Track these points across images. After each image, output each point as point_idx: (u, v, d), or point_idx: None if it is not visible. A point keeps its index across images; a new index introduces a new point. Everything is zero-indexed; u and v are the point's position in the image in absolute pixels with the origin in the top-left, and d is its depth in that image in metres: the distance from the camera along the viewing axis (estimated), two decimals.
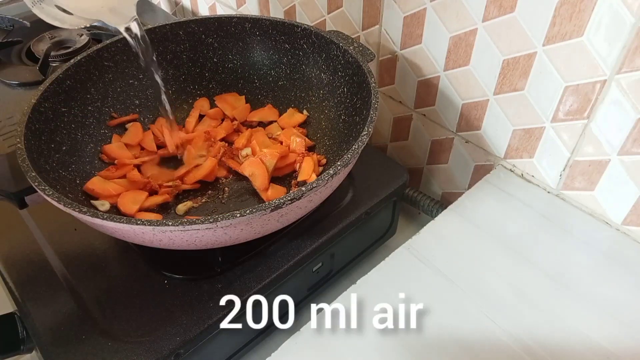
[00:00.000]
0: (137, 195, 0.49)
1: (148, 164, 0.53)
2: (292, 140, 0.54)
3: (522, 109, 0.49)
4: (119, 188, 0.49)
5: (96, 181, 0.49)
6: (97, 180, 0.49)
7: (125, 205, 0.48)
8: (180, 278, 0.46)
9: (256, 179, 0.50)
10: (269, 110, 0.59)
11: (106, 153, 0.53)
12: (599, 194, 0.48)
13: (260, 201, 0.51)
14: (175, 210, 0.50)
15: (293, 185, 0.51)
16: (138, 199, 0.49)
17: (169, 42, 0.58)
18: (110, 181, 0.49)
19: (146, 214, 0.49)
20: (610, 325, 0.41)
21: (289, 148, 0.54)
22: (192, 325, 0.42)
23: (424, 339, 0.41)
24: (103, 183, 0.49)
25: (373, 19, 0.59)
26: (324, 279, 0.54)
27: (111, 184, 0.49)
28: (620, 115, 0.43)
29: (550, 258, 0.46)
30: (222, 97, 0.60)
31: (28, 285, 0.45)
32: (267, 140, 0.55)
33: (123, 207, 0.48)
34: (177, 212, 0.50)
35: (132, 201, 0.48)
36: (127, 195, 0.49)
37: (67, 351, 0.41)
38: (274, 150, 0.52)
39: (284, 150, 0.53)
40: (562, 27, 0.42)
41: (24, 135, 0.43)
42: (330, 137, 0.55)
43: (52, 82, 0.49)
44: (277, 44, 0.59)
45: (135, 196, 0.49)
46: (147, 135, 0.56)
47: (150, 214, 0.49)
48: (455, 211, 0.51)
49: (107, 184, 0.49)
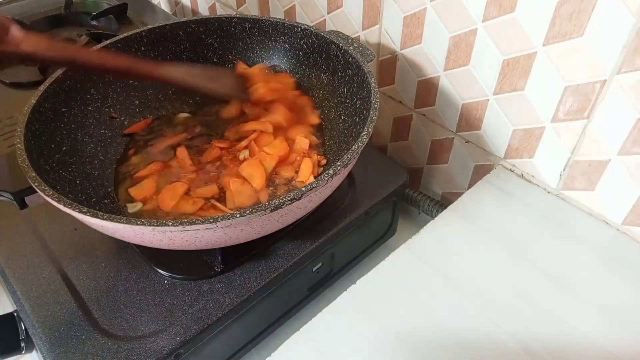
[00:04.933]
0: (175, 189, 0.49)
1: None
2: (297, 139, 0.54)
3: (522, 109, 0.49)
4: (152, 186, 0.50)
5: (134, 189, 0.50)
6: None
7: (165, 201, 0.48)
8: (181, 278, 0.46)
9: (254, 179, 0.50)
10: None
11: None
12: (598, 194, 0.48)
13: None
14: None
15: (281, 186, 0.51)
16: (176, 192, 0.49)
17: (168, 42, 0.58)
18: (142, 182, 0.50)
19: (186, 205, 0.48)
20: (610, 325, 0.41)
21: (290, 148, 0.53)
22: (192, 325, 0.42)
23: (424, 338, 0.41)
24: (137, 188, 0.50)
25: (373, 19, 0.59)
26: (324, 279, 0.54)
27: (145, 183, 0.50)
28: (620, 115, 0.43)
29: (550, 258, 0.46)
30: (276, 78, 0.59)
31: (28, 285, 0.45)
32: (271, 138, 0.54)
33: (163, 205, 0.48)
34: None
35: (170, 197, 0.49)
36: (165, 191, 0.49)
37: (67, 351, 0.41)
38: (274, 153, 0.52)
39: (284, 153, 0.52)
40: (562, 27, 0.42)
41: (23, 135, 0.43)
42: (330, 137, 0.55)
43: (52, 82, 0.49)
44: (277, 44, 0.59)
45: (173, 191, 0.49)
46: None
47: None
48: (455, 211, 0.51)
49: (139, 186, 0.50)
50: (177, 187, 0.49)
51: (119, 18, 0.85)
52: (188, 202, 0.48)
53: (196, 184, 0.50)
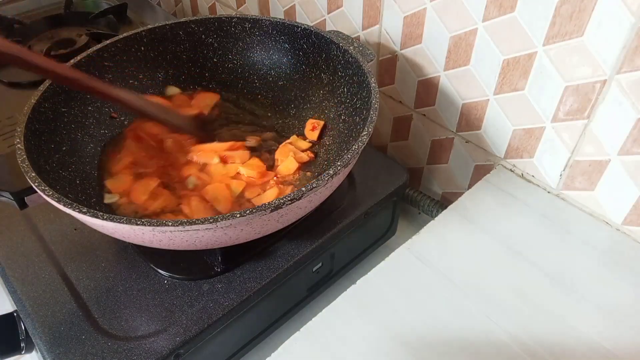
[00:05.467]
0: (147, 184, 0.49)
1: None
2: (283, 164, 0.52)
3: (522, 108, 0.49)
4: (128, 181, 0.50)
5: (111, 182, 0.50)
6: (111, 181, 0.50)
7: (136, 196, 0.48)
8: (180, 278, 0.46)
9: (219, 203, 0.48)
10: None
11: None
12: (599, 194, 0.48)
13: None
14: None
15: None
16: (148, 187, 0.49)
17: (168, 42, 0.58)
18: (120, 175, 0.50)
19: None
20: (610, 325, 0.41)
21: (269, 169, 0.51)
22: (192, 326, 0.42)
23: (424, 338, 0.41)
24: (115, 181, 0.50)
25: (373, 19, 0.59)
26: (324, 279, 0.54)
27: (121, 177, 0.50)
28: (621, 115, 0.43)
29: (550, 258, 0.46)
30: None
31: (28, 285, 0.45)
32: (247, 157, 0.52)
33: (135, 199, 0.48)
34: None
35: (142, 191, 0.48)
36: (137, 187, 0.49)
37: (67, 351, 0.41)
38: (242, 180, 0.50)
39: (251, 180, 0.50)
40: (562, 27, 0.42)
41: (23, 135, 0.43)
42: (330, 137, 0.55)
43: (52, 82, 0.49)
44: (277, 44, 0.59)
45: (145, 185, 0.49)
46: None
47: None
48: (456, 211, 0.51)
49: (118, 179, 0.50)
50: (150, 182, 0.49)
51: (119, 18, 0.85)
52: (159, 198, 0.49)
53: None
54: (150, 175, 0.50)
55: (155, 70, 0.59)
